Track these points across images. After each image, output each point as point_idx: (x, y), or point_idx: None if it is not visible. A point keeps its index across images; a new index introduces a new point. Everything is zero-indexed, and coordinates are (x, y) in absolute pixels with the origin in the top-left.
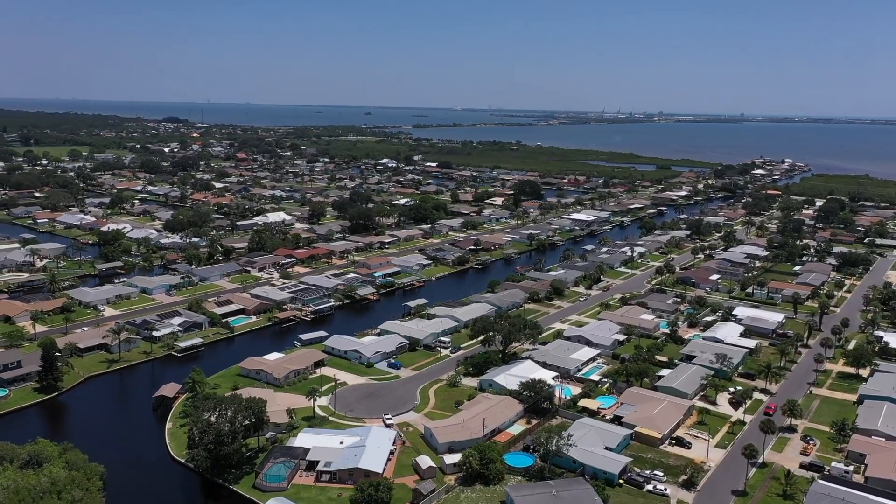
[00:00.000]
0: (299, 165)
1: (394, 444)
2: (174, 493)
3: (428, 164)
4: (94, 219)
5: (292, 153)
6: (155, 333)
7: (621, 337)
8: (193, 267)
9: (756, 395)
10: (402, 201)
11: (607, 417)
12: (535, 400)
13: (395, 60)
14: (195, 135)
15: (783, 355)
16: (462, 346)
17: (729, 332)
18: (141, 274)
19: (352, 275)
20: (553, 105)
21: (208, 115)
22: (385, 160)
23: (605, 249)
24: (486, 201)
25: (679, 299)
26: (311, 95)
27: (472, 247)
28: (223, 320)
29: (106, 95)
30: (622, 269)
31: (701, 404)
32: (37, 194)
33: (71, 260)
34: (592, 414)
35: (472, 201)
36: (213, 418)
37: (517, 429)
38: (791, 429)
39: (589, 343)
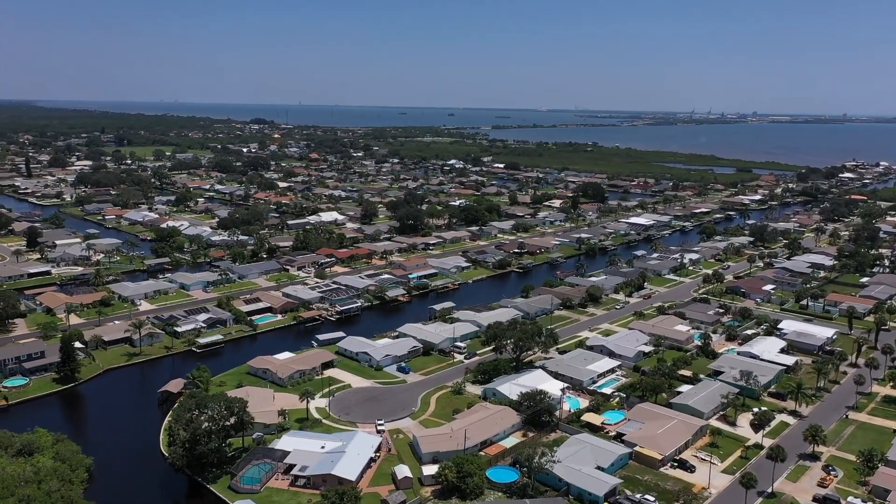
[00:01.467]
0: (367, 166)
1: (378, 451)
2: (156, 489)
3: (496, 165)
4: (156, 216)
5: (364, 153)
6: (178, 329)
7: (648, 348)
8: (237, 264)
9: (784, 417)
10: (458, 202)
11: (611, 434)
12: (532, 412)
13: (481, 62)
14: (276, 136)
15: (820, 374)
16: (479, 352)
17: (767, 348)
18: (189, 270)
19: (386, 276)
20: (641, 106)
21: (297, 116)
22: (453, 161)
23: (655, 255)
24: (545, 203)
25: (722, 310)
26: (397, 97)
27: (517, 250)
28: (248, 318)
29: (204, 98)
30: (671, 276)
31: (718, 424)
32: (112, 192)
33: (124, 255)
34: (596, 429)
35: (530, 203)
36: (192, 417)
37: (511, 441)
38: (814, 456)
39: (611, 354)
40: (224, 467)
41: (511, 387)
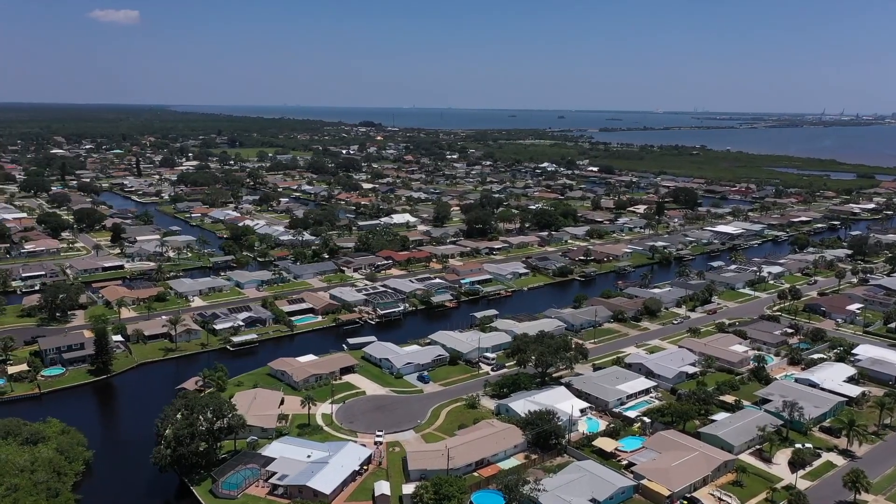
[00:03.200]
0: (458, 168)
1: (368, 464)
2: (147, 486)
3: (590, 168)
4: (237, 215)
5: (459, 156)
6: (216, 326)
7: (692, 369)
8: (298, 264)
9: (832, 456)
10: (534, 206)
11: (622, 462)
12: (536, 432)
13: (595, 63)
14: (379, 138)
15: (884, 409)
16: (507, 364)
17: (831, 375)
18: (254, 268)
19: (437, 280)
20: (767, 107)
21: (407, 119)
22: (545, 164)
23: (732, 267)
24: (629, 209)
25: (792, 330)
26: (509, 100)
27: (582, 257)
28: (287, 318)
29: (322, 102)
30: (745, 290)
31: (750, 460)
32: (207, 191)
33: (196, 252)
34: (608, 456)
35: (613, 208)
36: (178, 417)
37: (512, 463)
38: None
39: (650, 373)
40: (212, 470)
41: (525, 404)
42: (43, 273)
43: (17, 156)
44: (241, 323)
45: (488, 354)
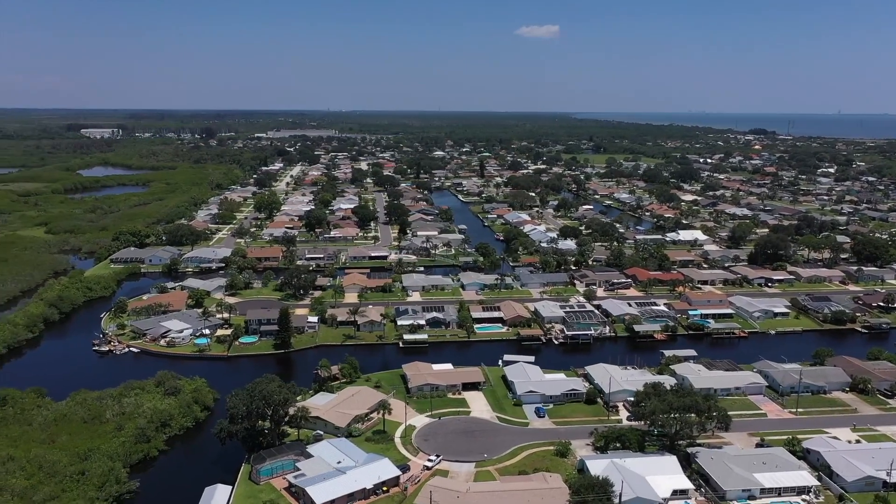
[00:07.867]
0: (823, 183)
1: (395, 485)
2: (220, 454)
3: None
4: (526, 218)
5: (836, 169)
6: (398, 322)
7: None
8: (542, 271)
9: None
10: (873, 235)
11: None
12: (577, 502)
13: None
14: (757, 147)
15: None
16: None
17: None
18: (507, 271)
19: (659, 307)
20: None
21: (818, 126)
22: None
23: None
24: None
25: None
26: None
27: (881, 303)
28: (470, 324)
29: (727, 108)
30: None
31: None
32: (530, 194)
33: (458, 250)
34: None
35: None
36: (240, 398)
37: None
38: None
39: (826, 470)
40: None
41: (609, 466)
42: (321, 256)
43: (403, 155)
44: (423, 322)
45: (631, 399)
